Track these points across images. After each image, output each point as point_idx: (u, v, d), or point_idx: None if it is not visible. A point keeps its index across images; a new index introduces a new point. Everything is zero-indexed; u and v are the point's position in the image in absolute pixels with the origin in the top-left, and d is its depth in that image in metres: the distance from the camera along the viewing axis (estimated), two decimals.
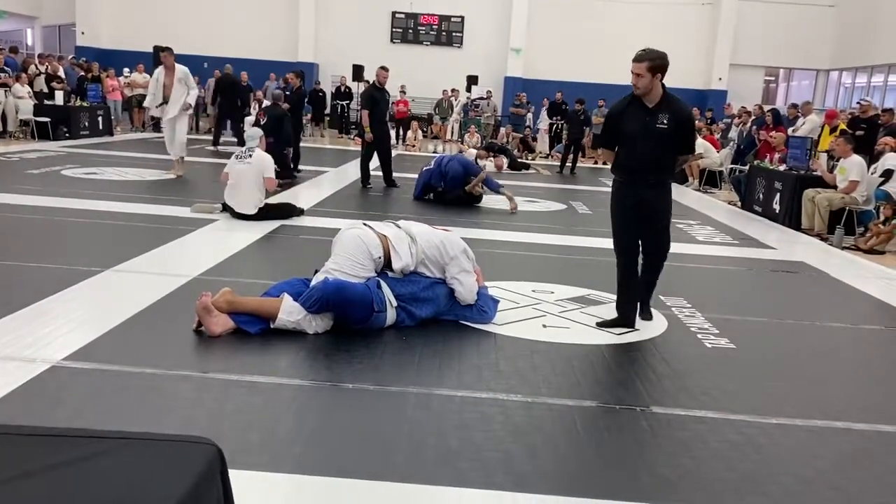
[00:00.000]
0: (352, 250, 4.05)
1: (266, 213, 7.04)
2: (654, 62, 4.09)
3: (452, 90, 20.45)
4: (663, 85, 4.20)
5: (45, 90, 14.95)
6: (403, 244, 4.17)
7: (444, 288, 4.28)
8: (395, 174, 10.62)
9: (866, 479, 2.79)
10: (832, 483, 2.73)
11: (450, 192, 9.20)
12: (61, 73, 16.11)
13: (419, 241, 4.23)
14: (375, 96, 10.15)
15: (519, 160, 15.05)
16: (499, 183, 9.61)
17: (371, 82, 10.32)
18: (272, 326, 3.85)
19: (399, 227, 4.32)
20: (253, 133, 7.36)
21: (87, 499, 1.19)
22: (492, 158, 13.80)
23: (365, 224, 4.29)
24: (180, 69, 9.93)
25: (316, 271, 4.12)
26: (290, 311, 3.83)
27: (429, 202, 9.29)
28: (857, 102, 13.18)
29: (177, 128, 10.00)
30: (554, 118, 18.36)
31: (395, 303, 4.02)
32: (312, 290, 3.87)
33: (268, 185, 7.01)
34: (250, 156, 6.99)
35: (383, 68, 10.29)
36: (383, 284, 4.02)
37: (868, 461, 2.94)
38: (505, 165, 13.94)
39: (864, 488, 2.71)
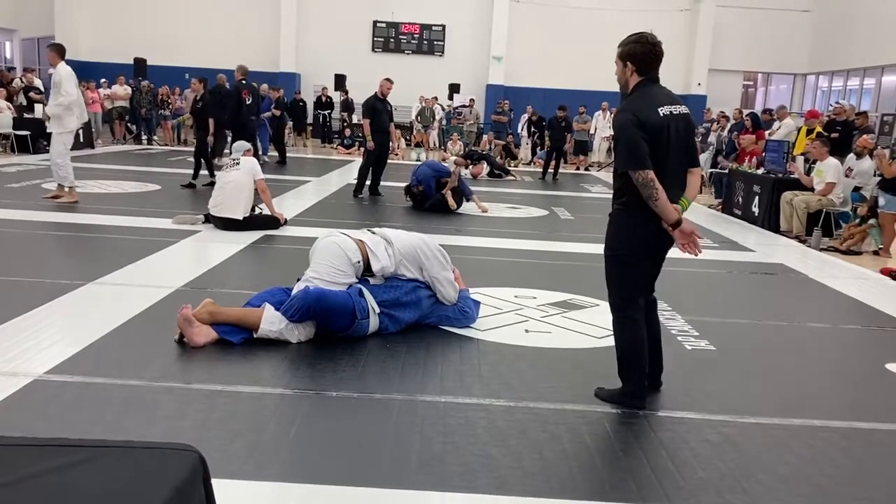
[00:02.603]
0: (330, 257, 4.08)
1: (249, 222, 7.06)
2: (622, 48, 3.31)
3: (434, 98, 20.51)
4: (646, 81, 3.28)
5: (25, 103, 14.85)
6: (380, 247, 4.21)
7: (426, 292, 4.31)
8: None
9: (843, 476, 2.84)
10: (810, 480, 2.78)
11: (427, 196, 9.26)
12: (37, 83, 16.00)
13: (395, 243, 4.27)
14: (377, 106, 10.24)
15: (500, 163, 15.17)
16: (471, 189, 9.73)
17: (374, 93, 10.40)
18: (255, 336, 3.86)
19: (374, 233, 4.36)
20: (239, 146, 7.54)
21: None
22: (470, 167, 13.90)
23: (341, 232, 4.32)
24: (61, 70, 8.12)
25: (298, 279, 4.14)
26: (271, 321, 3.84)
27: (409, 210, 9.32)
28: (831, 105, 13.36)
29: (51, 146, 8.27)
30: (531, 131, 18.61)
31: (377, 309, 4.05)
32: (293, 299, 3.88)
33: (259, 186, 7.13)
34: (238, 162, 7.15)
35: (387, 80, 10.43)
36: (365, 292, 4.05)
37: (845, 458, 2.99)
38: (483, 173, 14.02)
39: (840, 484, 2.77)
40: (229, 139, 10.40)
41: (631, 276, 3.34)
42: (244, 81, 10.76)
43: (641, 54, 3.25)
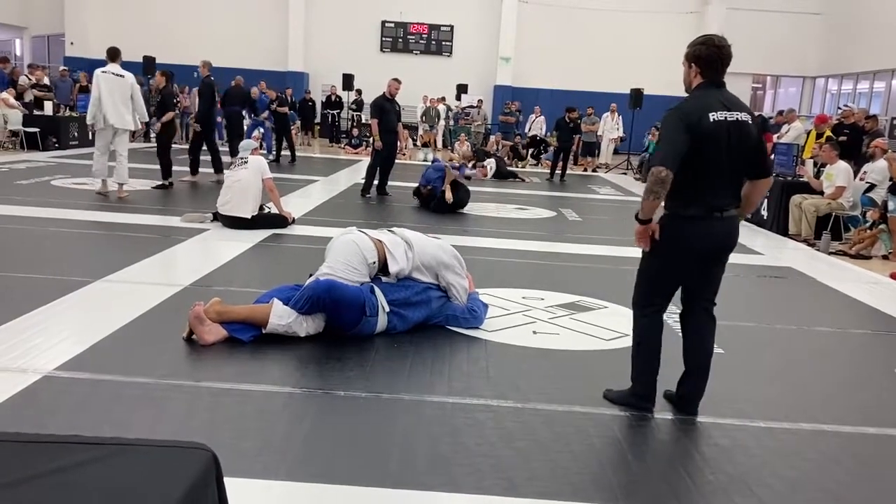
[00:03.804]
0: (346, 255, 4.08)
1: (257, 221, 7.08)
2: (689, 49, 3.25)
3: (439, 98, 20.51)
4: (707, 84, 3.24)
5: (33, 100, 14.91)
6: (400, 249, 4.20)
7: (436, 292, 4.31)
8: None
9: (852, 481, 2.83)
10: (819, 484, 2.77)
11: (434, 196, 9.28)
12: (46, 81, 16.06)
13: (415, 247, 4.26)
14: (385, 106, 10.27)
15: (508, 167, 15.16)
16: (465, 167, 9.79)
17: (382, 93, 10.42)
18: (264, 332, 3.86)
19: (394, 233, 4.35)
20: (246, 145, 7.58)
21: None
22: (476, 165, 13.94)
23: (360, 230, 4.32)
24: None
25: (310, 275, 4.14)
26: (280, 315, 3.84)
27: (417, 210, 9.33)
28: (838, 108, 13.31)
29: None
30: (531, 149, 18.90)
31: (387, 308, 4.04)
32: (304, 289, 3.88)
33: (267, 185, 7.15)
34: (246, 161, 7.17)
35: (395, 80, 10.44)
36: (377, 290, 4.05)
37: (854, 463, 2.99)
38: (490, 173, 14.02)
39: (849, 489, 2.76)
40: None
41: (658, 274, 3.28)
42: (211, 77, 10.77)
43: (706, 56, 3.19)
